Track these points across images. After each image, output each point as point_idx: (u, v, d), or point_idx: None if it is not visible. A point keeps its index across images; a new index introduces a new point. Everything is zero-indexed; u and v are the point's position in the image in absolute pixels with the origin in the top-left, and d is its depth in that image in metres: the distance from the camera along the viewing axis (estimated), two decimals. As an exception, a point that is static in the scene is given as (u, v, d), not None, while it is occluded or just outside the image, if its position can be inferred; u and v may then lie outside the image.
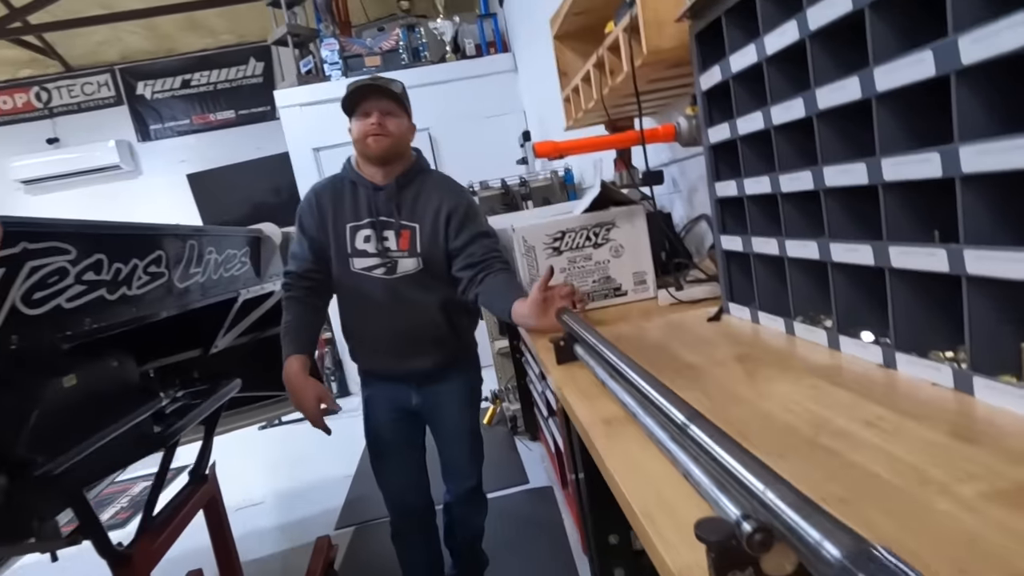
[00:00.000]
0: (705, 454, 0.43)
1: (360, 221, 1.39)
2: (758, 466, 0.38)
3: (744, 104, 0.90)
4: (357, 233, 1.39)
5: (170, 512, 1.36)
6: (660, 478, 0.52)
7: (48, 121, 5.22)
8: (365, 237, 1.39)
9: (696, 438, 0.44)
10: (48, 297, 0.90)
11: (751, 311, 0.98)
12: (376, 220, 1.38)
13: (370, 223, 1.38)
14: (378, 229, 1.38)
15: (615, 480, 0.54)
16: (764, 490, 0.35)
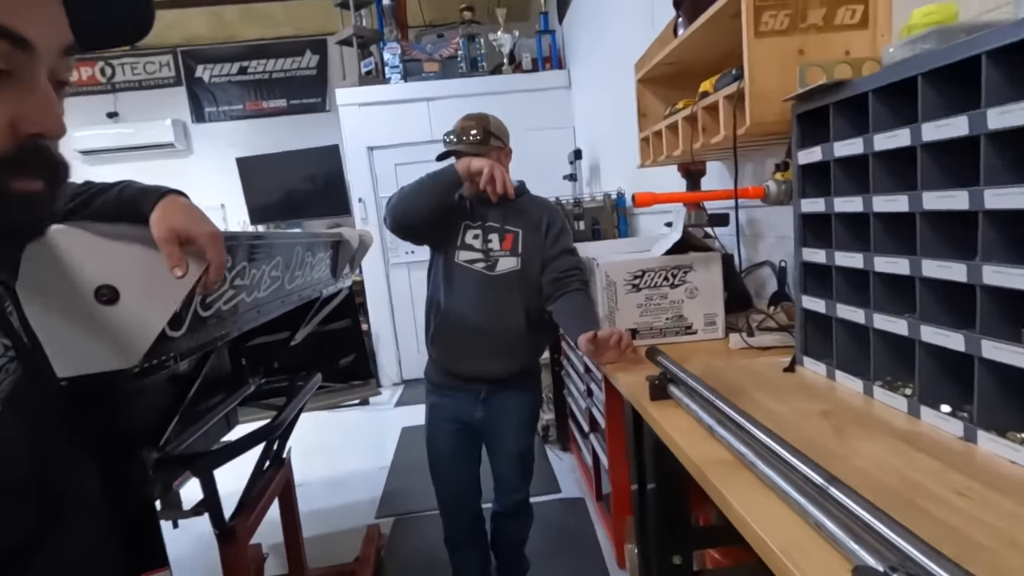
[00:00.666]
0: (845, 512, 0.54)
1: (472, 222, 1.56)
2: (898, 525, 0.49)
3: (842, 185, 1.00)
4: (468, 231, 1.56)
5: (259, 492, 1.49)
6: (786, 522, 0.62)
7: (110, 95, 5.42)
8: (474, 235, 1.56)
9: (837, 499, 0.55)
10: (213, 301, 1.03)
11: (827, 367, 1.09)
12: (485, 224, 1.55)
13: (480, 225, 1.55)
14: (485, 232, 1.55)
15: (743, 518, 0.65)
16: (907, 547, 0.46)
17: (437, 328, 1.60)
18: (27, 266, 0.72)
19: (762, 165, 1.69)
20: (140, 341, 0.78)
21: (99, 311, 0.76)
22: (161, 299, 0.78)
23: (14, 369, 0.45)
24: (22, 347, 0.47)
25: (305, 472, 3.01)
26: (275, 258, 1.36)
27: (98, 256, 0.75)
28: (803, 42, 1.12)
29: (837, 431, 0.86)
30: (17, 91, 0.39)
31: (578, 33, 3.89)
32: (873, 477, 0.71)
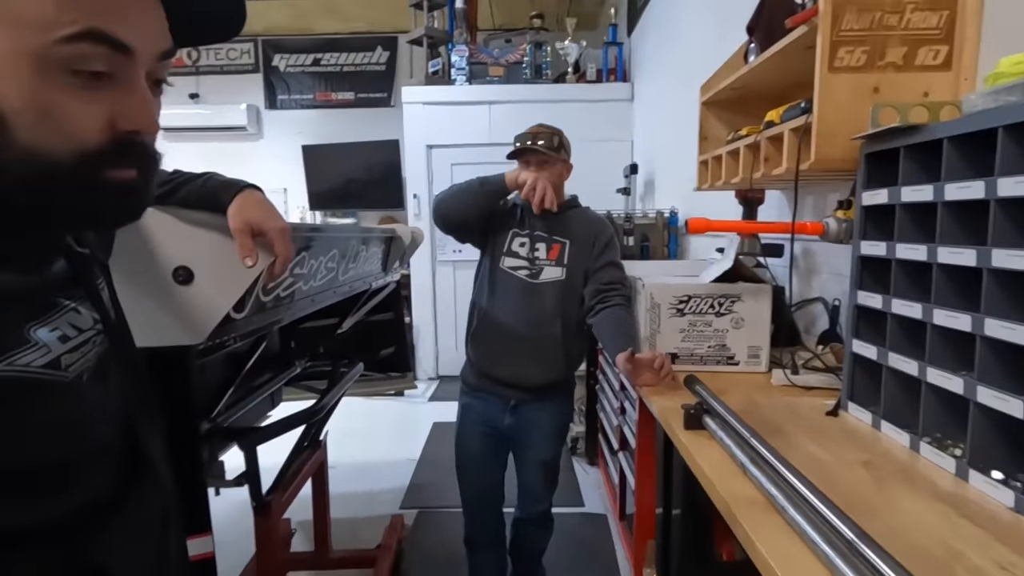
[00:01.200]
0: (873, 571, 0.53)
1: (521, 230, 1.58)
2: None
3: (906, 231, 0.97)
4: (516, 238, 1.59)
5: (295, 470, 1.56)
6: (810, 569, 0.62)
7: (193, 78, 5.75)
8: (521, 243, 1.59)
9: (867, 556, 0.54)
10: (273, 288, 1.09)
11: (872, 416, 1.05)
12: (533, 233, 1.57)
13: (528, 234, 1.57)
14: (533, 240, 1.57)
15: (769, 563, 0.65)
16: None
17: (477, 329, 1.63)
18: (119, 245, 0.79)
19: (823, 199, 1.65)
20: (208, 320, 0.84)
21: (175, 290, 0.82)
22: (230, 284, 0.84)
23: (101, 341, 0.50)
24: (109, 321, 0.52)
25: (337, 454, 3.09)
26: (332, 250, 1.42)
27: (179, 239, 0.81)
28: (879, 80, 1.09)
29: (878, 484, 0.84)
30: (117, 92, 0.43)
31: (646, 47, 3.86)
32: (910, 538, 0.69)
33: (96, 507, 0.49)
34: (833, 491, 0.81)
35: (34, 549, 0.44)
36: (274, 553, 1.38)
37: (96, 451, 0.50)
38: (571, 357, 1.64)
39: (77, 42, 0.40)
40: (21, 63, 0.39)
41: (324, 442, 1.80)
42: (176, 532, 0.60)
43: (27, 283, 0.45)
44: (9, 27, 0.38)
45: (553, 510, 2.42)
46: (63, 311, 0.47)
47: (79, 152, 0.42)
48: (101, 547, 0.48)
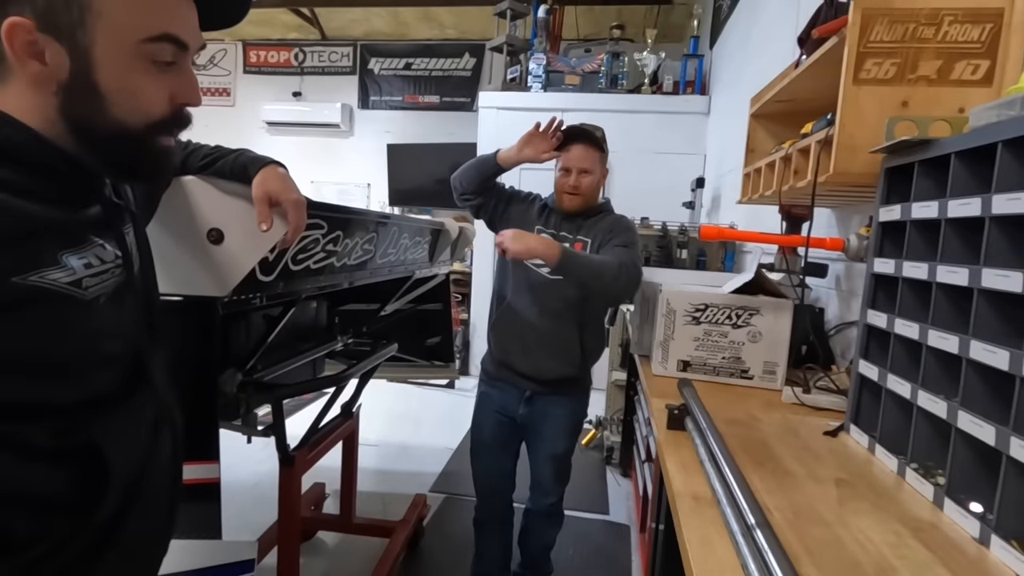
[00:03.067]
0: (762, 560, 0.54)
1: (545, 228, 1.64)
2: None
3: (915, 249, 0.94)
4: (540, 234, 1.64)
5: (324, 434, 1.69)
6: (726, 564, 0.63)
7: (297, 77, 6.27)
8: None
9: (758, 543, 0.56)
10: (304, 259, 1.22)
11: (870, 441, 1.01)
12: (556, 233, 1.63)
13: (552, 233, 1.63)
14: (557, 239, 1.61)
15: (687, 552, 0.67)
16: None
17: (497, 319, 1.69)
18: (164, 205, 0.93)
19: (865, 218, 1.57)
20: (232, 276, 0.97)
21: (208, 248, 0.95)
22: (253, 246, 0.96)
23: (119, 274, 0.63)
24: (128, 260, 0.64)
25: (383, 434, 3.29)
26: (370, 233, 1.54)
27: (214, 204, 0.94)
28: (909, 94, 1.05)
29: (842, 501, 0.82)
30: (175, 75, 0.60)
31: (725, 60, 3.77)
32: (847, 550, 0.68)
33: (99, 401, 0.61)
34: (788, 499, 0.80)
35: (45, 420, 0.56)
36: (294, 503, 1.51)
37: (105, 357, 0.62)
38: (588, 353, 1.66)
39: (157, 42, 0.57)
40: (119, 56, 0.55)
41: (356, 415, 1.94)
42: (168, 438, 0.71)
43: (68, 219, 0.58)
44: (112, 32, 0.54)
45: (576, 514, 2.46)
46: (92, 246, 0.59)
47: (148, 122, 0.59)
48: (98, 430, 0.60)
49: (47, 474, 0.56)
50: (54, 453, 0.57)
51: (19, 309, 0.51)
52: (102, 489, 0.60)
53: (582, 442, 3.14)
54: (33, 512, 0.56)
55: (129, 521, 0.64)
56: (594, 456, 3.07)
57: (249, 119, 6.14)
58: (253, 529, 1.97)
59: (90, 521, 0.60)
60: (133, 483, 0.65)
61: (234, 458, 2.69)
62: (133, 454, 0.65)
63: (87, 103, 0.56)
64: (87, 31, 0.54)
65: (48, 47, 0.53)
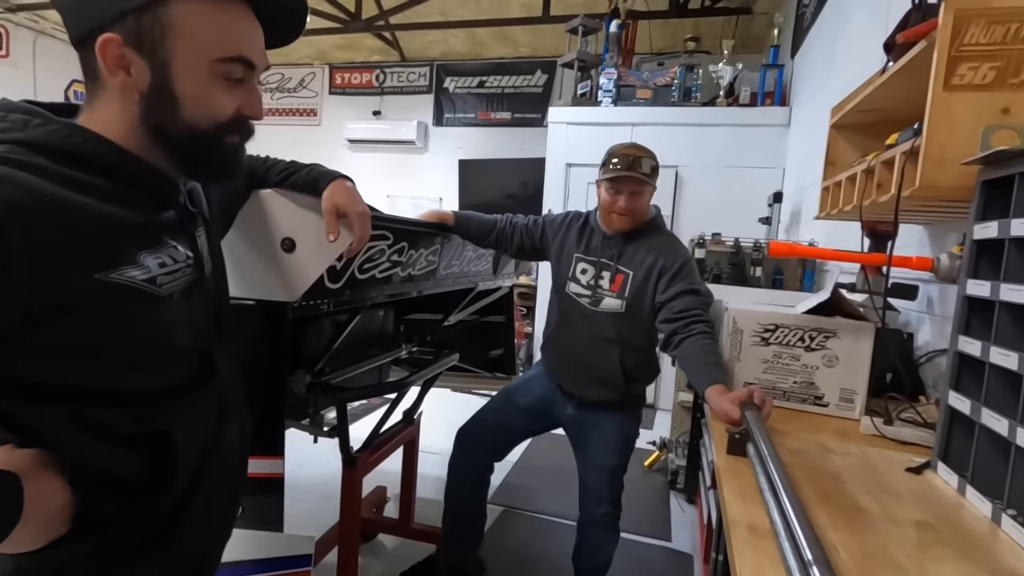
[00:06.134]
0: (818, 598, 0.50)
1: (586, 256, 1.61)
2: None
3: (1015, 270, 0.84)
4: (579, 264, 1.62)
5: (386, 438, 1.75)
6: (778, 599, 0.59)
7: (377, 97, 6.60)
8: (583, 270, 1.62)
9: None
10: (370, 268, 1.27)
11: (960, 481, 0.92)
12: (598, 261, 1.58)
13: (593, 262, 1.59)
14: (598, 268, 1.58)
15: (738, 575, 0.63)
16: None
17: (547, 341, 1.73)
18: (244, 216, 1.01)
19: (960, 236, 1.43)
20: (302, 283, 1.03)
21: (281, 256, 1.02)
22: (322, 255, 1.02)
23: (190, 273, 0.68)
24: (200, 261, 0.70)
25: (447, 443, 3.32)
26: (434, 245, 1.59)
27: (288, 215, 1.01)
28: (1011, 100, 0.95)
29: (919, 546, 0.75)
30: (243, 90, 0.67)
31: (808, 71, 3.59)
32: (924, 599, 0.62)
33: (171, 391, 0.66)
34: (857, 539, 0.74)
35: (124, 406, 0.62)
36: (355, 503, 1.57)
37: (178, 350, 0.68)
38: (632, 381, 1.62)
39: (230, 62, 0.64)
40: (195, 70, 0.63)
41: (417, 422, 1.98)
42: (234, 431, 0.76)
43: (146, 222, 0.64)
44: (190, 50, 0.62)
45: (636, 538, 2.38)
46: (166, 247, 0.65)
47: (216, 125, 0.66)
48: (169, 419, 0.66)
49: (126, 457, 0.62)
50: (131, 437, 0.62)
51: (101, 302, 0.57)
52: (171, 474, 0.65)
53: (645, 464, 3.05)
54: (113, 492, 0.62)
55: (194, 506, 0.69)
56: (658, 479, 2.96)
57: (333, 137, 6.52)
58: (318, 526, 2.06)
59: (160, 504, 0.65)
60: (199, 471, 0.70)
61: (304, 457, 2.83)
62: (200, 443, 0.70)
63: (164, 108, 0.62)
64: (167, 48, 0.61)
65: (133, 61, 0.61)
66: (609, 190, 1.57)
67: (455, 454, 1.82)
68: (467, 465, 1.81)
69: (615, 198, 1.55)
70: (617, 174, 1.54)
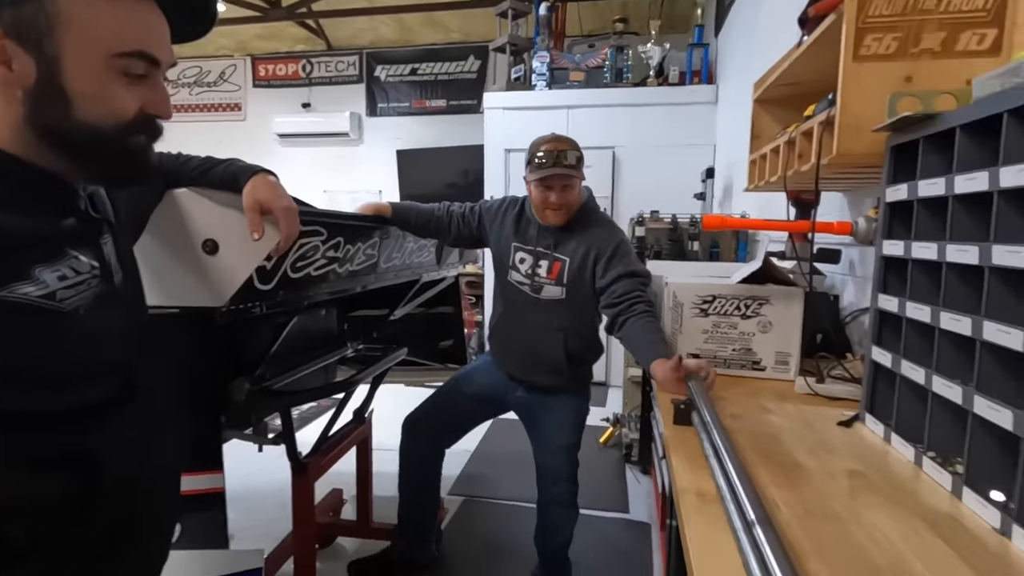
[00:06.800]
0: (761, 558, 0.52)
1: (524, 245, 1.61)
2: (799, 582, 0.47)
3: (924, 229, 0.90)
4: (517, 253, 1.62)
5: (336, 440, 1.70)
6: (729, 563, 0.61)
7: (306, 89, 6.33)
8: (521, 259, 1.62)
9: (758, 540, 0.53)
10: (304, 266, 1.22)
11: (885, 430, 0.98)
12: (535, 250, 1.59)
13: (530, 251, 1.59)
14: (535, 257, 1.59)
15: (689, 551, 0.64)
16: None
17: (492, 329, 1.74)
18: (158, 218, 0.94)
19: (875, 200, 1.52)
20: (228, 287, 0.97)
21: (203, 259, 0.96)
22: (247, 256, 0.96)
23: (97, 284, 0.63)
24: (107, 270, 0.65)
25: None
26: (372, 239, 1.54)
27: (207, 215, 0.95)
28: (913, 69, 1.01)
29: (853, 495, 0.79)
30: (147, 88, 0.62)
31: (732, 49, 3.71)
32: (858, 547, 0.66)
33: (90, 409, 0.61)
34: (797, 495, 0.78)
35: (36, 429, 0.57)
36: (308, 510, 1.52)
37: (94, 366, 0.63)
38: (578, 364, 1.66)
39: (130, 57, 0.59)
40: (90, 66, 0.57)
41: (369, 420, 1.94)
42: (164, 447, 0.71)
43: (42, 232, 0.58)
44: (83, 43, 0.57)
45: (595, 513, 2.44)
46: (66, 258, 0.60)
47: (118, 125, 0.60)
48: (91, 439, 0.61)
49: (44, 481, 0.57)
50: (49, 460, 0.57)
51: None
52: (96, 497, 0.61)
53: (600, 440, 3.11)
54: (30, 520, 0.56)
55: (126, 528, 0.64)
56: (613, 454, 3.04)
57: (261, 132, 6.22)
58: (275, 536, 1.98)
59: (86, 529, 0.60)
60: (128, 491, 0.65)
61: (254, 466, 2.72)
62: (127, 462, 0.65)
63: (53, 107, 0.57)
64: (56, 41, 0.55)
65: (15, 54, 0.55)
66: (539, 187, 1.56)
67: (403, 442, 1.81)
68: (415, 451, 1.80)
69: (546, 194, 1.55)
70: (545, 173, 1.52)
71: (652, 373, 1.28)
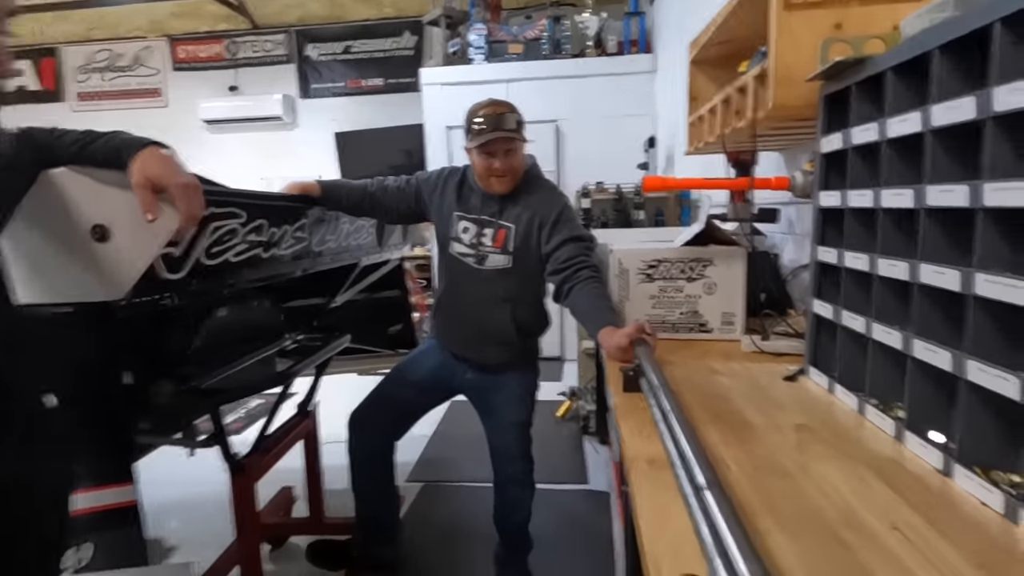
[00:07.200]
0: (712, 522, 0.49)
1: (467, 214, 1.54)
2: (749, 548, 0.44)
3: (859, 177, 0.89)
4: (460, 222, 1.55)
5: (279, 436, 1.61)
6: (680, 530, 0.58)
7: (232, 71, 5.96)
8: (464, 228, 1.55)
9: (707, 504, 0.50)
10: (221, 251, 1.11)
11: (829, 382, 0.98)
12: (479, 218, 1.52)
13: (474, 219, 1.52)
14: (479, 226, 1.52)
15: (639, 520, 0.61)
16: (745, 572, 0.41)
17: (436, 308, 1.68)
18: (33, 205, 0.82)
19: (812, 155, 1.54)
20: (126, 277, 0.87)
21: (93, 247, 0.85)
22: (144, 241, 0.86)
23: None
24: None
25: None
26: (301, 220, 1.44)
27: (93, 198, 0.84)
28: (842, 16, 1.00)
29: (801, 448, 0.78)
30: None
31: (667, 15, 3.70)
32: (808, 499, 0.64)
33: None
34: (747, 452, 0.76)
35: None
36: (250, 512, 1.43)
37: None
38: (526, 335, 1.61)
39: None
40: None
41: (314, 413, 1.85)
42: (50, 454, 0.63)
43: None
44: None
45: (554, 486, 2.44)
46: None
47: None
48: None
49: None
50: None
51: None
52: None
53: (557, 414, 3.12)
54: None
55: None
56: (571, 427, 3.05)
57: (185, 119, 5.82)
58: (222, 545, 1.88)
59: None
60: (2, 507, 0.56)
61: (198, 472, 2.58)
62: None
63: None
64: None
65: None
66: (481, 155, 1.49)
67: (350, 439, 1.73)
68: (363, 448, 1.73)
69: (489, 161, 1.48)
70: (487, 138, 1.46)
71: (600, 342, 1.25)
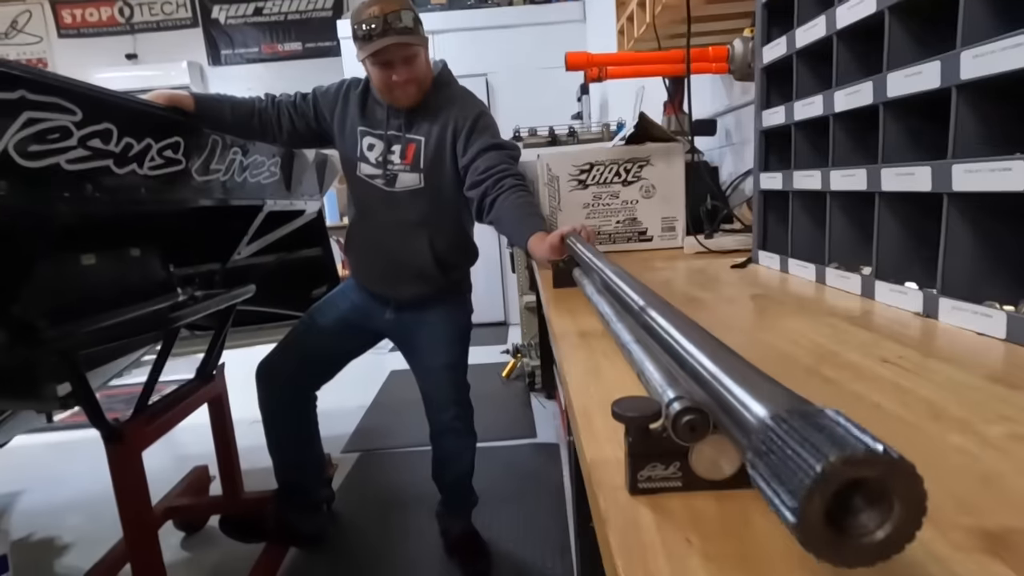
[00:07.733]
0: (658, 342, 0.35)
1: (372, 129, 1.33)
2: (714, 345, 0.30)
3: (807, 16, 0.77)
4: (365, 139, 1.34)
5: (169, 401, 1.38)
6: (614, 382, 0.44)
7: (129, 37, 5.39)
8: (369, 145, 1.34)
9: (650, 321, 0.36)
10: (45, 153, 0.89)
11: (781, 260, 0.87)
12: (386, 134, 1.32)
13: (380, 135, 1.32)
14: (386, 142, 1.32)
15: (566, 381, 0.47)
16: (710, 366, 0.27)
17: (348, 242, 1.46)
18: None
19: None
20: None
21: None
22: None
23: None
24: None
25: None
26: (172, 137, 1.21)
27: None
28: None
29: (759, 311, 0.66)
30: None
31: (594, -42, 3.57)
32: (774, 348, 0.52)
33: None
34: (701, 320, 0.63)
35: None
36: (137, 489, 1.21)
37: None
38: (448, 268, 1.41)
39: None
40: None
41: (220, 375, 1.62)
42: None
43: None
44: None
45: (504, 443, 2.31)
46: None
47: None
48: None
49: None
50: None
51: None
52: None
53: (503, 374, 2.99)
54: None
55: None
56: (517, 386, 2.92)
57: (76, 91, 5.24)
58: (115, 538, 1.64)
59: None
60: None
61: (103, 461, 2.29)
62: None
63: None
64: None
65: None
66: (376, 65, 1.24)
67: (260, 394, 1.52)
68: (275, 402, 1.53)
69: (387, 73, 1.24)
70: (378, 45, 1.21)
71: (531, 251, 1.09)
